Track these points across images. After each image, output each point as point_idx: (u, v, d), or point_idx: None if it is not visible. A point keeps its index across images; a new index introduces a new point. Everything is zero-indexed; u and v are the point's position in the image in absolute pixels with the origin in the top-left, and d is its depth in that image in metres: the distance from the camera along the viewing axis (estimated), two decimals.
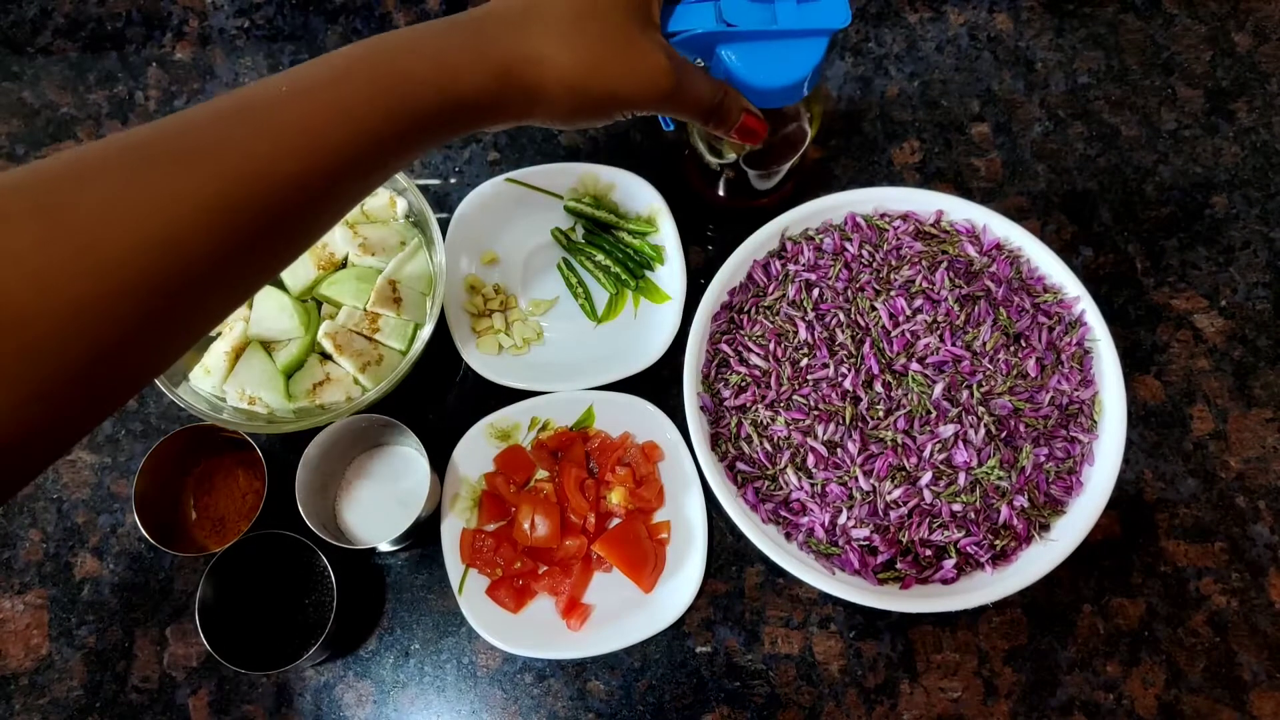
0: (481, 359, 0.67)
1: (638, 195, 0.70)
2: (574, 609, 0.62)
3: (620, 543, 0.62)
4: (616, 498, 0.64)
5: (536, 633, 0.62)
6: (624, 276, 0.69)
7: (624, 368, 0.66)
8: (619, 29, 0.44)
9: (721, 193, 0.68)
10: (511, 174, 0.69)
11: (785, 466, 0.60)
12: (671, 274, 0.68)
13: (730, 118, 0.51)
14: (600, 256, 0.70)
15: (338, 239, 0.66)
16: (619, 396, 0.66)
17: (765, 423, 0.61)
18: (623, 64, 0.44)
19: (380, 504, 0.64)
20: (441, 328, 0.63)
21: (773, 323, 0.62)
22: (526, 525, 0.62)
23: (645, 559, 0.62)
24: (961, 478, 0.58)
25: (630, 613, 0.62)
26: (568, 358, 0.69)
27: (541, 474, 0.66)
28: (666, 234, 0.69)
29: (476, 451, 0.65)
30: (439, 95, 0.40)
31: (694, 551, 0.63)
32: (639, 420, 0.66)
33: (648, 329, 0.68)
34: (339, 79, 0.38)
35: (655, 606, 0.62)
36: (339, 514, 0.65)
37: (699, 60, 0.53)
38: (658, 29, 0.47)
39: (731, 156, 0.61)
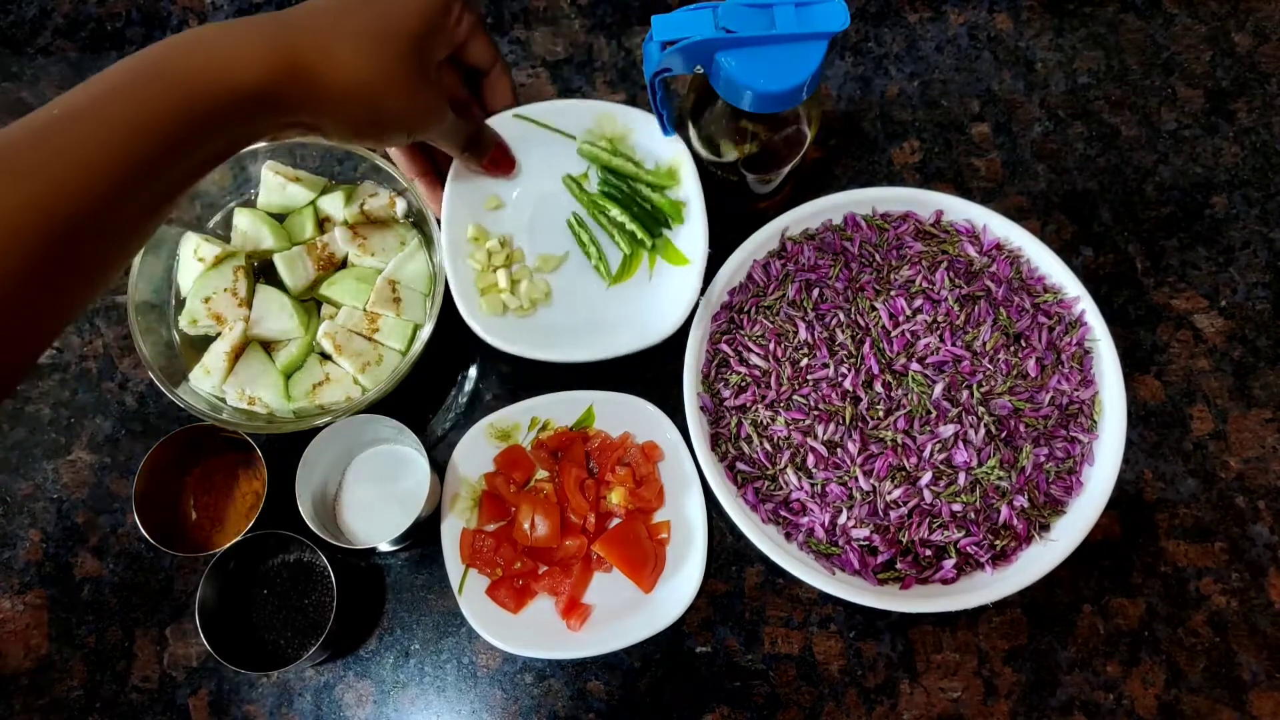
0: (485, 322, 0.60)
1: (658, 143, 0.63)
2: (574, 609, 0.62)
3: (620, 543, 0.62)
4: (616, 498, 0.64)
5: (536, 633, 0.61)
6: (640, 235, 0.63)
7: (639, 337, 0.60)
8: (413, 59, 0.48)
9: (722, 196, 0.68)
10: (520, 109, 0.63)
11: (785, 466, 0.60)
12: (692, 235, 0.61)
13: (485, 149, 0.59)
14: (615, 211, 0.63)
15: (338, 239, 0.66)
16: (619, 396, 0.66)
17: (765, 423, 0.61)
18: (413, 88, 0.48)
19: (380, 504, 0.64)
20: (441, 326, 0.63)
21: (773, 323, 0.62)
22: (526, 525, 0.62)
23: (645, 559, 0.62)
24: (961, 478, 0.58)
25: (630, 613, 0.62)
26: (578, 321, 0.63)
27: (541, 474, 0.65)
28: (689, 188, 0.62)
29: (476, 451, 0.65)
30: (226, 88, 0.41)
31: (694, 551, 0.63)
32: (639, 420, 0.66)
33: (664, 295, 0.62)
34: (131, 84, 0.39)
35: (655, 606, 0.62)
36: (339, 514, 0.65)
37: (698, 68, 0.53)
38: (440, 58, 0.52)
39: (731, 157, 0.61)
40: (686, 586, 0.62)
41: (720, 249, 0.63)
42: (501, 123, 0.62)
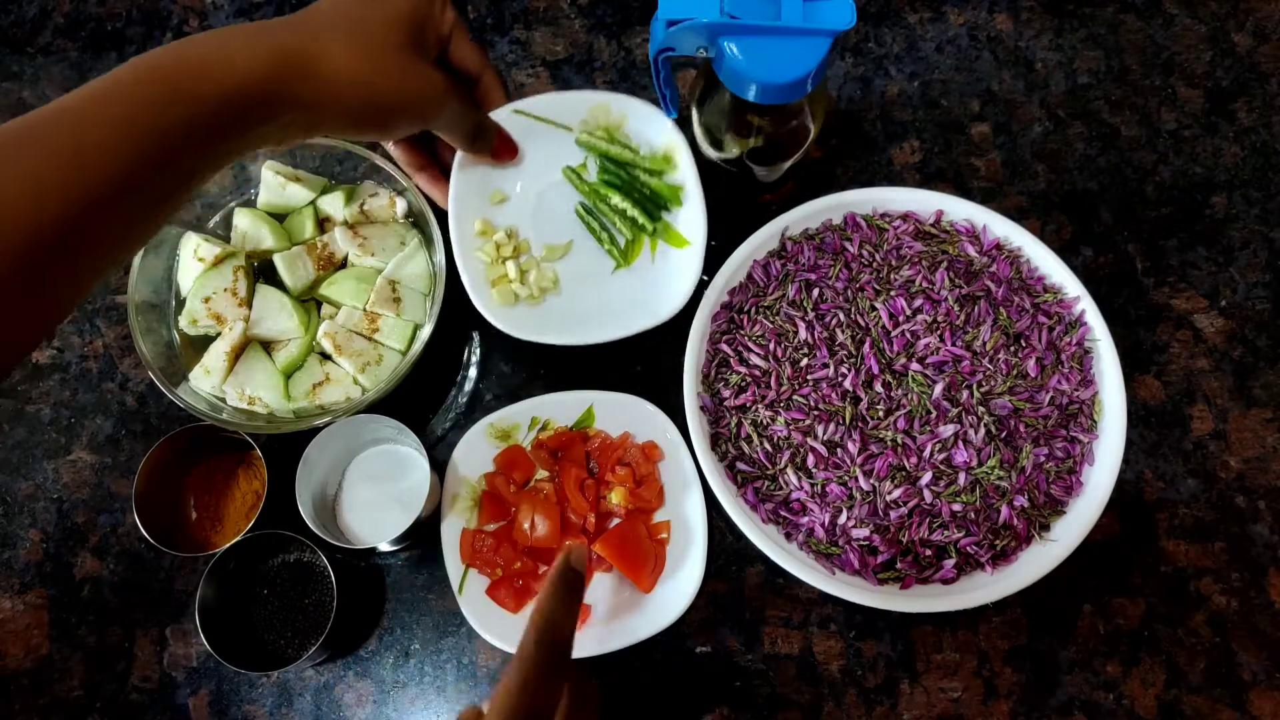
0: (499, 313, 0.62)
1: (653, 129, 0.65)
2: None
3: (620, 543, 0.62)
4: (616, 498, 0.63)
5: None
6: (641, 219, 0.64)
7: (649, 317, 0.61)
8: (406, 47, 0.49)
9: (725, 188, 0.68)
10: (518, 104, 0.64)
11: (785, 466, 0.60)
12: (691, 217, 0.63)
13: (489, 137, 0.60)
14: (616, 198, 0.64)
15: (338, 239, 0.66)
16: (619, 397, 0.66)
17: (765, 423, 0.61)
18: (408, 72, 0.49)
19: (380, 504, 0.64)
20: (441, 326, 0.63)
21: (773, 323, 0.62)
22: (526, 525, 0.62)
23: (645, 559, 0.62)
24: (961, 478, 0.58)
25: (630, 613, 0.62)
26: (588, 306, 0.64)
27: (541, 474, 0.65)
28: (685, 172, 0.64)
29: (476, 451, 0.65)
30: (218, 87, 0.41)
31: (694, 551, 0.63)
32: (639, 420, 0.65)
33: (668, 276, 0.63)
34: (131, 84, 0.39)
35: (655, 606, 0.62)
36: (339, 514, 0.65)
37: (700, 50, 0.53)
38: (433, 56, 0.53)
39: (734, 151, 0.61)
40: (687, 586, 0.62)
41: (722, 244, 0.63)
42: (500, 119, 0.62)
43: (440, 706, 0.63)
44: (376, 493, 0.65)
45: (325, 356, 0.65)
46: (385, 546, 0.62)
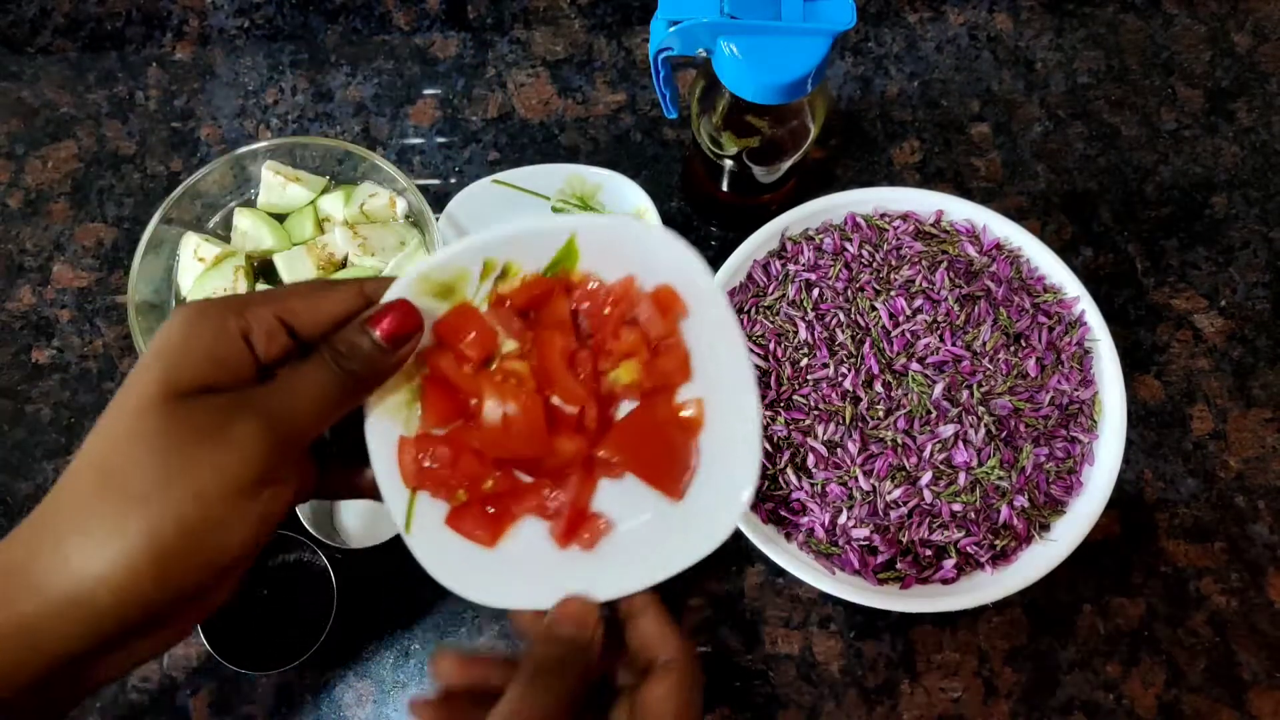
0: None
1: (624, 194, 0.69)
2: (579, 523, 0.42)
3: (637, 440, 0.43)
4: (626, 375, 0.43)
5: (525, 572, 0.42)
6: None
7: None
8: (167, 446, 0.30)
9: (725, 188, 0.68)
10: (499, 175, 0.68)
11: (785, 466, 0.60)
12: None
13: (360, 357, 0.36)
14: None
15: (338, 239, 0.66)
16: (613, 222, 0.44)
17: (765, 423, 0.61)
18: (198, 460, 0.30)
19: (377, 505, 0.64)
20: None
21: (773, 323, 0.62)
22: (495, 423, 0.41)
23: (674, 456, 0.43)
24: (961, 478, 0.58)
25: (657, 535, 0.43)
26: None
27: (509, 345, 0.42)
28: (652, 222, 0.67)
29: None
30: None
31: (741, 438, 0.42)
32: (645, 256, 0.43)
33: None
34: None
35: (691, 520, 0.42)
36: (336, 514, 0.65)
37: (701, 51, 0.53)
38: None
39: (734, 150, 0.61)
40: (734, 486, 0.42)
41: (722, 244, 0.63)
42: (480, 189, 0.66)
43: None
44: None
45: None
46: (383, 545, 0.62)
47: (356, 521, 0.64)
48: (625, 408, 0.44)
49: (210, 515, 0.30)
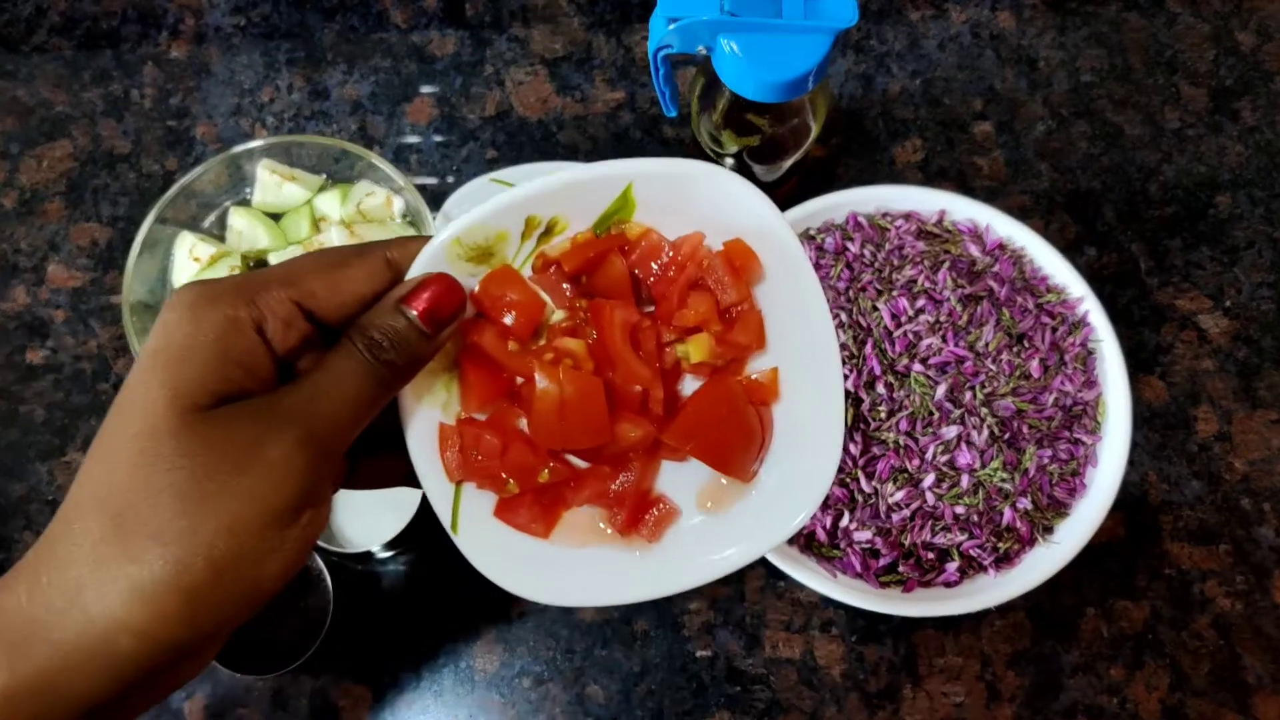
0: None
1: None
2: (643, 510, 0.38)
3: (707, 425, 0.37)
4: (697, 354, 0.36)
5: (588, 564, 0.38)
6: None
7: None
8: (195, 473, 0.27)
9: None
10: (496, 174, 0.66)
11: None
12: None
13: (402, 344, 0.31)
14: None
15: (334, 238, 0.66)
16: (676, 164, 0.36)
17: None
18: (228, 489, 0.27)
19: (373, 507, 0.64)
20: None
21: None
22: (550, 411, 0.35)
23: (745, 436, 0.37)
24: (964, 480, 0.57)
25: (723, 520, 0.38)
26: None
27: (557, 315, 0.37)
28: None
29: None
30: None
31: (819, 419, 0.37)
32: (714, 208, 0.36)
33: None
34: None
35: (764, 503, 0.38)
36: (334, 517, 0.64)
37: (701, 49, 0.52)
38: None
39: (734, 148, 0.60)
40: (811, 466, 0.36)
41: None
42: (477, 187, 0.63)
43: (437, 711, 0.62)
44: (369, 496, 0.64)
45: None
46: (379, 550, 0.61)
47: (354, 525, 0.64)
48: (691, 383, 0.39)
49: (244, 549, 0.27)
